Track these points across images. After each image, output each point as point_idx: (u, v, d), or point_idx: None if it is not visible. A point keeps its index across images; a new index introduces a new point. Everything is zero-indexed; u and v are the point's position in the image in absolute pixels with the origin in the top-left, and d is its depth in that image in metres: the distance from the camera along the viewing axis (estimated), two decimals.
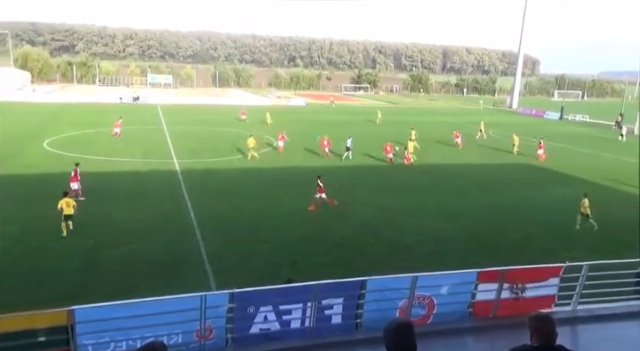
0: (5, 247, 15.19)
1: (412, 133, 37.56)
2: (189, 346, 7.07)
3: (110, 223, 17.83)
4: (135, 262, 14.54)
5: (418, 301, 7.86)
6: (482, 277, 8.02)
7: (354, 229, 18.50)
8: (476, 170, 30.59)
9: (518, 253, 16.35)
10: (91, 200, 20.41)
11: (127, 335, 6.74)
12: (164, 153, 31.33)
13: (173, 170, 26.81)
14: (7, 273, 13.37)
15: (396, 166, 30.59)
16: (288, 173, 27.51)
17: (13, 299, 11.86)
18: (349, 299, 7.80)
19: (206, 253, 15.43)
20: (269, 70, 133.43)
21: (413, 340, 3.45)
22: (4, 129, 36.99)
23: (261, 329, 7.49)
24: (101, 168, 26.46)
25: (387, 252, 16.49)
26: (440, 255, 16.28)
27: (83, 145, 32.26)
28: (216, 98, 75.10)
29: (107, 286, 12.96)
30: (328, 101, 77.28)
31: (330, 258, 15.66)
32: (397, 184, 25.85)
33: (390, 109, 76.65)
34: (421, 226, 19.28)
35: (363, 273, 9.96)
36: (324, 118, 56.02)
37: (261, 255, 15.61)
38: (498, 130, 50.41)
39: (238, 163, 29.60)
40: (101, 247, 15.62)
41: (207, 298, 7.05)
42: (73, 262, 14.42)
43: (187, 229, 17.56)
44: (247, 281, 12.63)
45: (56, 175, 24.18)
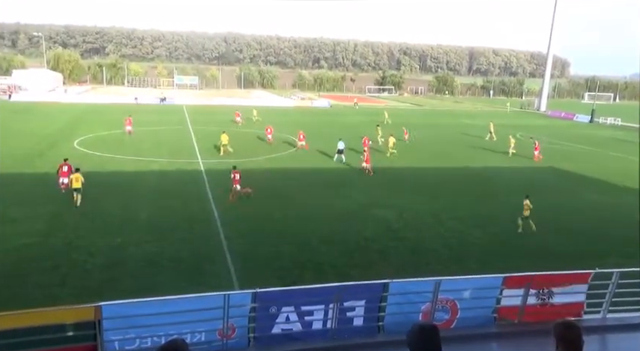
0: (32, 243, 15.62)
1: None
2: (212, 345, 7.13)
3: (136, 222, 18.17)
4: (159, 260, 14.77)
5: (441, 305, 7.76)
6: (509, 282, 7.87)
7: (376, 231, 18.40)
8: (502, 173, 30.08)
9: (546, 259, 15.97)
10: (118, 199, 20.85)
11: (152, 332, 6.85)
12: (189, 153, 31.78)
13: (198, 170, 27.17)
14: (34, 269, 13.75)
15: (418, 169, 30.31)
16: (312, 174, 27.56)
17: (40, 295, 12.22)
18: (371, 301, 7.76)
19: (229, 252, 15.58)
20: (293, 72, 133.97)
21: (438, 344, 3.39)
22: (36, 129, 38.12)
23: (283, 329, 7.51)
24: (128, 167, 27.02)
25: (409, 255, 16.35)
26: (463, 259, 16.05)
27: (111, 145, 32.99)
28: (241, 99, 75.78)
29: (132, 283, 13.22)
30: (352, 103, 77.13)
31: (352, 260, 15.62)
32: (420, 186, 25.61)
33: (415, 110, 76.04)
34: (444, 229, 19.05)
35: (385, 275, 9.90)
36: (346, 120, 55.94)
37: (284, 255, 15.66)
38: (526, 133, 49.42)
39: (263, 163, 29.80)
40: (127, 244, 15.92)
41: (230, 297, 7.10)
42: (99, 259, 14.74)
43: (211, 229, 17.76)
44: (270, 281, 12.72)
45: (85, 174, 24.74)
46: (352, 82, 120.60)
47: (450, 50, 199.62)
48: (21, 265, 13.91)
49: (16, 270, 13.62)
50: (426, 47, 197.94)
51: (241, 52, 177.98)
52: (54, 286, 12.81)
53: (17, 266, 13.85)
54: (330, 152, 34.48)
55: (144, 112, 51.53)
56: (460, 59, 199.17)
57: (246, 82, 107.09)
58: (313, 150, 35.01)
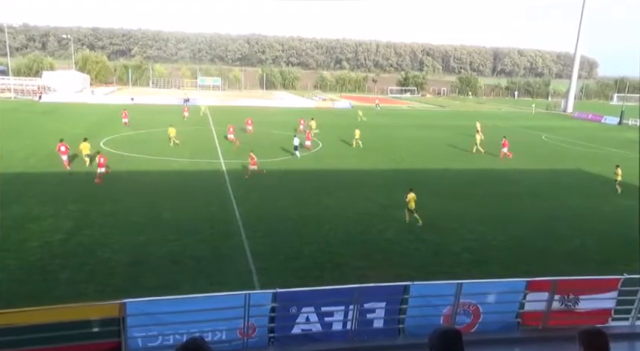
0: (61, 240, 16.02)
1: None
2: (233, 344, 7.19)
3: (159, 220, 18.45)
4: (182, 259, 14.97)
5: (463, 309, 7.66)
6: (533, 287, 7.72)
7: (397, 233, 18.28)
8: (527, 176, 29.56)
9: (572, 264, 15.63)
10: (142, 197, 21.22)
11: (174, 330, 6.94)
12: (211, 153, 32.12)
13: (220, 170, 27.44)
14: (61, 266, 14.08)
15: (439, 170, 30.01)
16: (333, 175, 27.56)
17: (67, 291, 12.52)
18: (391, 303, 7.71)
19: (250, 252, 15.69)
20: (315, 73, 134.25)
21: (461, 349, 3.35)
22: (64, 129, 39.06)
23: (303, 330, 7.52)
24: (152, 167, 27.47)
25: (431, 257, 16.19)
26: (486, 263, 15.81)
27: (136, 145, 33.58)
28: (263, 100, 76.25)
29: (155, 280, 13.42)
30: (373, 104, 76.85)
31: (372, 261, 15.55)
32: (441, 187, 25.35)
33: (437, 112, 75.33)
34: (467, 232, 18.80)
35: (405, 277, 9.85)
36: (368, 121, 55.76)
37: (305, 256, 15.69)
38: (551, 135, 48.51)
39: (283, 164, 29.94)
40: (150, 242, 16.18)
41: (251, 296, 7.15)
42: (123, 256, 15.02)
43: (232, 228, 17.91)
44: (290, 281, 12.77)
45: (111, 172, 25.29)
46: (374, 83, 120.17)
47: (473, 51, 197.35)
48: (48, 262, 14.27)
49: (44, 266, 13.98)
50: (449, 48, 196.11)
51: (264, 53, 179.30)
52: (80, 282, 13.10)
53: (45, 263, 14.21)
54: (349, 154, 34.46)
55: (167, 113, 52.32)
56: (484, 60, 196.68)
57: (268, 83, 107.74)
58: (332, 151, 35.02)
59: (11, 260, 14.19)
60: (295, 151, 31.80)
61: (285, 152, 33.18)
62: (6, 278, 13.10)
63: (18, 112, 49.74)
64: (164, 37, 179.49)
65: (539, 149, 40.30)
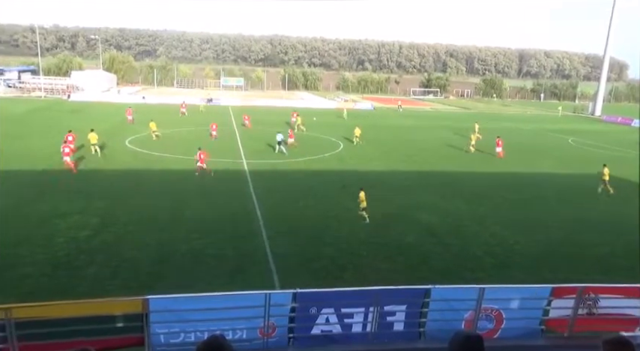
0: (87, 236, 16.38)
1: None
2: (253, 343, 7.23)
3: (182, 219, 18.71)
4: (204, 257, 15.15)
5: (485, 314, 7.55)
6: (558, 293, 7.56)
7: (418, 236, 18.14)
8: (552, 179, 28.99)
9: (599, 271, 15.25)
10: (165, 196, 21.54)
11: (195, 327, 7.02)
12: (234, 153, 32.41)
13: (242, 170, 27.66)
14: (88, 261, 14.41)
15: (462, 173, 29.67)
16: (354, 176, 27.48)
17: (92, 286, 12.80)
18: (412, 307, 7.65)
19: (271, 251, 15.77)
20: (337, 74, 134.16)
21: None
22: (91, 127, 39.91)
23: (323, 331, 7.52)
24: (175, 165, 27.86)
25: (452, 261, 16.01)
26: (509, 267, 15.56)
27: (160, 144, 34.12)
28: (285, 101, 76.59)
29: (178, 277, 13.62)
30: (396, 105, 76.42)
31: (393, 264, 15.47)
32: (463, 190, 25.05)
33: (461, 114, 74.46)
34: (490, 235, 18.54)
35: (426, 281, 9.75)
36: (390, 122, 55.51)
37: (325, 257, 15.70)
38: (578, 138, 47.45)
39: (304, 164, 30.01)
40: (173, 240, 16.42)
41: (271, 296, 7.19)
42: (147, 253, 15.27)
43: (254, 228, 18.04)
44: (310, 282, 12.80)
45: (136, 170, 25.80)
46: (396, 84, 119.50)
47: (498, 52, 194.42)
48: (74, 258, 14.62)
49: (70, 262, 14.32)
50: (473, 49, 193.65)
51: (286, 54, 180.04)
52: (105, 278, 13.37)
53: (71, 258, 14.56)
54: (370, 155, 34.34)
55: (190, 113, 52.99)
56: (509, 61, 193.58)
57: (290, 83, 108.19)
58: (354, 152, 34.96)
59: (40, 255, 14.58)
60: (279, 146, 32.65)
61: (306, 152, 33.26)
62: (35, 272, 13.47)
63: (47, 111, 51.07)
64: (189, 37, 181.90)
65: (565, 153, 39.49)
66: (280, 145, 32.79)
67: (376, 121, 55.88)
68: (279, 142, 32.82)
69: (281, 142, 32.82)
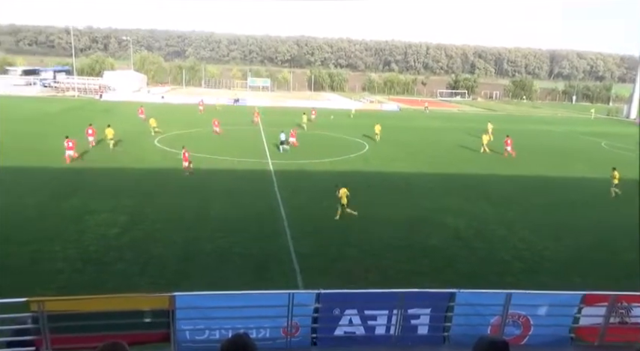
0: (116, 234, 16.77)
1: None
2: (277, 341, 7.29)
3: (207, 217, 18.97)
4: (229, 256, 15.32)
5: (512, 320, 7.41)
6: (589, 301, 7.36)
7: (445, 239, 17.92)
8: (582, 184, 28.22)
9: (631, 277, 14.76)
10: (192, 194, 21.87)
11: (220, 325, 7.12)
12: (259, 153, 32.66)
13: (267, 170, 27.86)
14: (117, 258, 14.75)
15: (488, 176, 29.17)
16: (379, 177, 27.36)
17: (121, 282, 13.08)
18: (437, 310, 7.58)
19: (295, 252, 15.83)
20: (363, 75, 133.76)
21: None
22: (121, 127, 40.87)
23: (346, 332, 7.52)
24: (202, 164, 28.25)
25: (478, 265, 15.76)
26: (537, 273, 15.23)
27: (187, 143, 34.58)
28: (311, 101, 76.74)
29: (204, 275, 13.82)
30: (422, 107, 75.68)
31: (418, 266, 15.33)
32: (490, 194, 24.63)
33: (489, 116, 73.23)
34: (518, 240, 18.17)
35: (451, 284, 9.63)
36: (416, 124, 55.03)
37: (349, 258, 15.67)
38: (612, 142, 46.03)
39: (328, 165, 30.02)
40: (199, 239, 16.66)
41: (294, 296, 7.23)
42: (174, 251, 15.54)
43: (278, 228, 18.14)
44: (334, 283, 12.79)
45: (163, 169, 26.26)
46: (423, 85, 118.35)
47: (529, 53, 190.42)
48: (104, 254, 14.99)
49: (100, 258, 14.69)
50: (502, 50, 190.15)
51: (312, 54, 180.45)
52: (133, 275, 13.66)
53: (101, 255, 14.93)
54: (395, 156, 34.11)
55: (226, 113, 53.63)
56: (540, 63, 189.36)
57: (316, 84, 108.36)
58: (379, 153, 34.78)
59: (72, 251, 15.01)
60: (282, 146, 33.14)
61: (331, 153, 33.28)
62: (67, 268, 13.87)
63: (80, 110, 52.50)
64: (217, 38, 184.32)
65: (596, 156, 38.39)
66: (283, 145, 33.29)
67: (402, 123, 55.46)
68: (282, 141, 33.36)
69: (284, 142, 33.31)
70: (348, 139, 40.66)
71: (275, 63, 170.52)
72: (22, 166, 25.75)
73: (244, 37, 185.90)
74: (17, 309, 6.65)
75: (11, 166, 25.50)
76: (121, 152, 30.30)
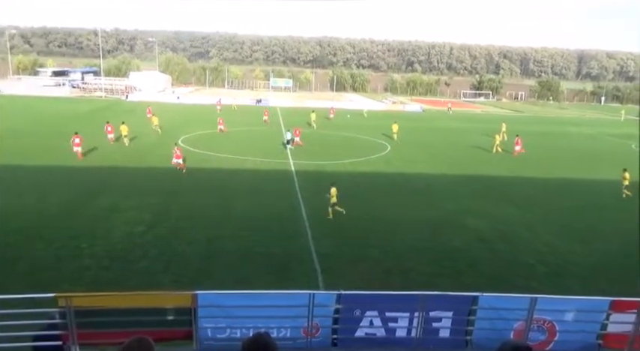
0: (140, 231, 17.07)
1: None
2: (297, 341, 7.30)
3: (230, 216, 19.14)
4: (250, 255, 15.42)
5: (537, 325, 7.27)
6: (618, 307, 7.15)
7: (467, 241, 17.70)
8: (609, 187, 27.42)
9: None
10: (215, 194, 22.10)
11: (241, 324, 7.17)
12: (281, 153, 32.82)
13: (289, 170, 27.97)
14: (140, 256, 15.00)
15: (511, 178, 28.67)
16: (401, 179, 27.20)
17: (145, 279, 13.31)
18: (459, 314, 7.48)
19: (316, 252, 15.85)
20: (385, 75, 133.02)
21: None
22: (146, 127, 41.61)
23: (367, 333, 7.49)
24: (226, 164, 28.57)
25: (502, 268, 15.50)
26: (563, 277, 14.90)
27: (211, 143, 35.07)
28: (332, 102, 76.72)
29: (226, 274, 13.95)
30: (445, 108, 74.90)
31: (440, 268, 15.17)
32: (513, 196, 24.20)
33: (514, 117, 72.05)
34: (542, 243, 17.82)
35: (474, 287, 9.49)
36: (438, 125, 54.49)
37: (370, 259, 15.61)
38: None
39: (350, 166, 29.96)
40: (222, 237, 16.83)
41: (315, 296, 7.23)
42: (197, 249, 15.73)
43: (299, 228, 18.19)
44: (354, 284, 12.75)
45: (188, 169, 26.57)
46: (447, 86, 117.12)
47: (556, 53, 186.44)
48: (129, 251, 15.27)
49: (125, 255, 14.97)
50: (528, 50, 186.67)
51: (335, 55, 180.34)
52: (157, 272, 13.88)
53: (126, 252, 15.22)
54: (416, 158, 33.85)
55: (242, 113, 54.14)
56: (567, 63, 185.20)
57: (338, 85, 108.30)
58: (401, 154, 34.56)
59: (99, 248, 15.35)
60: (288, 144, 33.94)
61: (353, 154, 33.22)
62: (95, 264, 14.18)
63: (107, 110, 53.60)
64: (240, 40, 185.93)
65: (625, 158, 37.27)
66: (289, 143, 33.99)
67: (424, 124, 55.03)
68: (288, 140, 34.10)
69: (289, 141, 34.07)
70: (370, 139, 40.52)
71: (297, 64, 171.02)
72: (50, 165, 26.45)
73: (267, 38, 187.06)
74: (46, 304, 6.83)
75: (39, 165, 26.23)
76: (146, 152, 30.82)
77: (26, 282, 12.54)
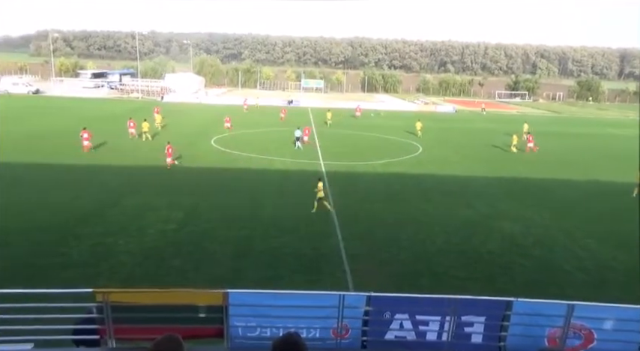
0: (172, 230, 17.43)
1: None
2: (326, 342, 7.29)
3: (261, 216, 19.32)
4: (281, 255, 15.52)
5: (573, 331, 7.03)
6: None
7: (500, 245, 17.30)
8: None
9: None
10: (246, 193, 22.36)
11: (271, 323, 7.21)
12: (312, 154, 32.91)
13: (319, 171, 28.00)
14: (173, 254, 15.32)
15: (549, 180, 27.84)
16: (432, 180, 26.86)
17: (177, 277, 13.59)
18: (491, 319, 7.31)
19: (346, 253, 15.82)
20: (417, 76, 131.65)
21: None
22: (180, 127, 42.53)
23: (397, 336, 7.40)
24: (256, 165, 28.85)
25: (537, 274, 15.08)
26: (603, 285, 14.36)
27: (242, 143, 35.50)
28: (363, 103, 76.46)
29: (256, 273, 14.09)
30: (479, 108, 73.50)
31: (472, 272, 14.89)
32: (550, 199, 23.51)
33: (550, 118, 70.11)
34: (581, 249, 17.23)
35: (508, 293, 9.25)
36: (471, 126, 53.50)
37: (400, 261, 15.48)
38: None
39: (380, 167, 29.78)
40: (252, 237, 17.01)
41: (345, 297, 7.20)
42: (228, 248, 15.95)
43: (329, 229, 18.20)
44: (384, 286, 12.65)
45: (219, 169, 27.02)
46: (480, 86, 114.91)
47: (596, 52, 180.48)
48: (162, 249, 15.62)
49: (157, 253, 15.32)
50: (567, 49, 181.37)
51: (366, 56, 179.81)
52: (189, 270, 14.15)
53: (159, 250, 15.57)
54: (449, 159, 33.33)
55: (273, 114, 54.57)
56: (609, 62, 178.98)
57: (369, 86, 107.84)
58: (432, 155, 34.11)
59: (134, 245, 15.77)
60: (297, 142, 34.31)
61: (384, 155, 33.01)
62: (130, 261, 14.58)
63: (143, 111, 54.92)
64: (272, 41, 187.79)
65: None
66: (298, 141, 34.35)
67: (457, 124, 54.17)
68: (297, 138, 34.41)
69: (299, 138, 34.38)
70: (400, 140, 40.17)
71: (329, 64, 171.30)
72: (86, 164, 27.33)
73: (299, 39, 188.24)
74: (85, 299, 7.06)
75: (75, 164, 27.15)
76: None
77: (64, 277, 13.01)
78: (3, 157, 27.24)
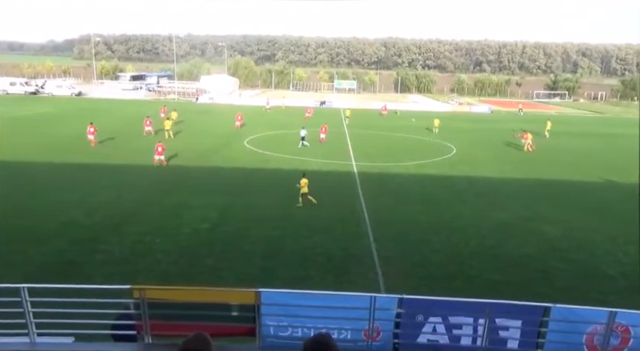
0: (206, 229, 17.74)
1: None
2: (358, 344, 7.26)
3: (293, 217, 19.42)
4: (312, 255, 15.57)
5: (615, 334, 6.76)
6: None
7: (538, 249, 16.81)
8: None
9: None
10: (277, 194, 22.52)
11: (302, 323, 7.23)
12: (344, 155, 32.88)
13: (351, 172, 27.95)
14: (207, 252, 15.57)
15: (589, 183, 26.87)
16: (466, 182, 26.38)
17: (210, 275, 13.82)
18: (528, 324, 7.12)
19: (377, 255, 15.71)
20: (451, 76, 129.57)
21: None
22: (215, 128, 43.29)
23: (429, 340, 7.30)
24: (289, 165, 29.01)
25: (577, 279, 14.57)
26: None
27: (275, 144, 35.82)
28: (396, 104, 75.86)
29: (287, 273, 14.17)
30: (516, 109, 71.71)
31: (507, 276, 14.53)
32: (591, 202, 22.70)
33: (592, 118, 67.71)
34: (624, 254, 16.55)
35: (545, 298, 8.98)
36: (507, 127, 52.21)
37: (433, 264, 15.26)
38: None
39: (413, 168, 29.46)
40: (284, 237, 17.13)
41: (376, 299, 7.15)
42: (260, 248, 16.11)
43: (361, 230, 18.12)
44: (417, 288, 12.52)
45: (252, 169, 27.35)
46: (518, 86, 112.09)
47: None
48: (196, 248, 15.92)
49: (191, 251, 15.62)
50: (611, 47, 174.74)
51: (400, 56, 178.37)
52: (222, 269, 14.36)
53: (193, 249, 15.87)
54: (482, 160, 32.66)
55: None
56: None
57: (402, 86, 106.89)
58: (466, 157, 33.49)
59: (169, 243, 16.14)
60: (302, 141, 34.74)
61: (416, 156, 32.65)
62: (165, 259, 14.94)
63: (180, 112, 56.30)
64: (305, 42, 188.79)
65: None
66: (303, 140, 34.68)
67: (492, 125, 53.04)
68: (303, 137, 34.88)
69: (304, 138, 34.75)
70: (434, 141, 39.62)
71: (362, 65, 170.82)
72: (127, 163, 28.17)
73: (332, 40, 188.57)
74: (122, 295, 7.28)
75: (118, 163, 28.02)
76: (214, 152, 32.04)
77: (105, 273, 13.44)
78: (48, 157, 28.43)
